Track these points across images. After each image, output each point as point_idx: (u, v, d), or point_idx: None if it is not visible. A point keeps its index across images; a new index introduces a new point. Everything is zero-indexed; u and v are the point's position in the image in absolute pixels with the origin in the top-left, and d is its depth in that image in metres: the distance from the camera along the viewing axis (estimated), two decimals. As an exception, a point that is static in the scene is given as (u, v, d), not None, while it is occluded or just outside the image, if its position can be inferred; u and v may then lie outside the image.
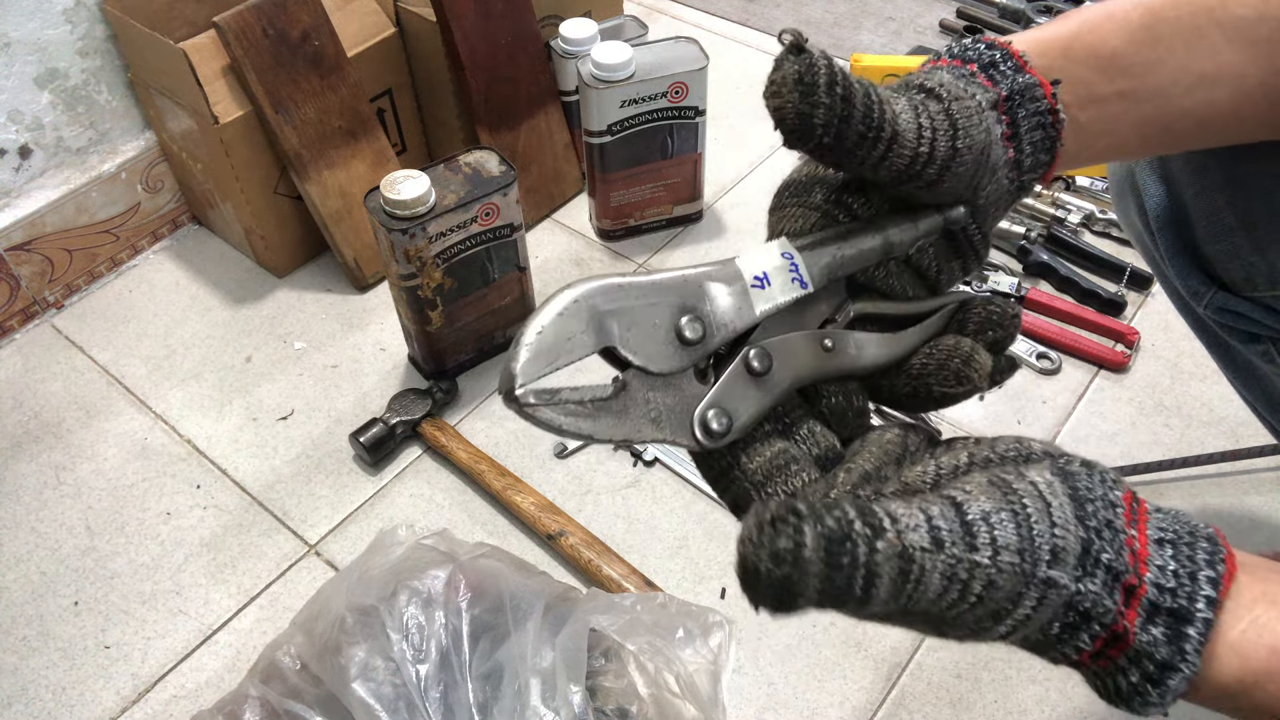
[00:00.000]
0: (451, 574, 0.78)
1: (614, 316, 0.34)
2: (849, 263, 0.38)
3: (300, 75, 1.11)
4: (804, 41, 0.35)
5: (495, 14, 1.17)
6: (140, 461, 1.06)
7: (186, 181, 1.28)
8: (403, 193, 0.95)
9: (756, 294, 0.36)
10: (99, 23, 1.16)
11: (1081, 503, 0.33)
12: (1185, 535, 0.34)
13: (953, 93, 0.37)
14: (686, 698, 0.75)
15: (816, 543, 0.28)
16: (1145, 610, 0.33)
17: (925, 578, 0.30)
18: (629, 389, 0.34)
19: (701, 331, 0.35)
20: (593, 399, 0.33)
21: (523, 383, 0.32)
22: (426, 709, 0.71)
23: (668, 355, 0.34)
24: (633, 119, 1.14)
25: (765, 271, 0.36)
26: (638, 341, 0.34)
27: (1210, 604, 0.32)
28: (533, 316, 0.33)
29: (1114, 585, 0.32)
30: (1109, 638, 0.32)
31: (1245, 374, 0.75)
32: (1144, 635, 0.32)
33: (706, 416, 0.35)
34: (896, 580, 0.29)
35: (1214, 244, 0.63)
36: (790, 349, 0.36)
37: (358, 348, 1.16)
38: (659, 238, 1.28)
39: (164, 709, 0.87)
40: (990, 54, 0.42)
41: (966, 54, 0.42)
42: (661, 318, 0.34)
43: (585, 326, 0.33)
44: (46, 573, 0.97)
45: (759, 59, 1.57)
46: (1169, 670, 0.32)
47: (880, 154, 0.35)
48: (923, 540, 0.30)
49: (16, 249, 1.17)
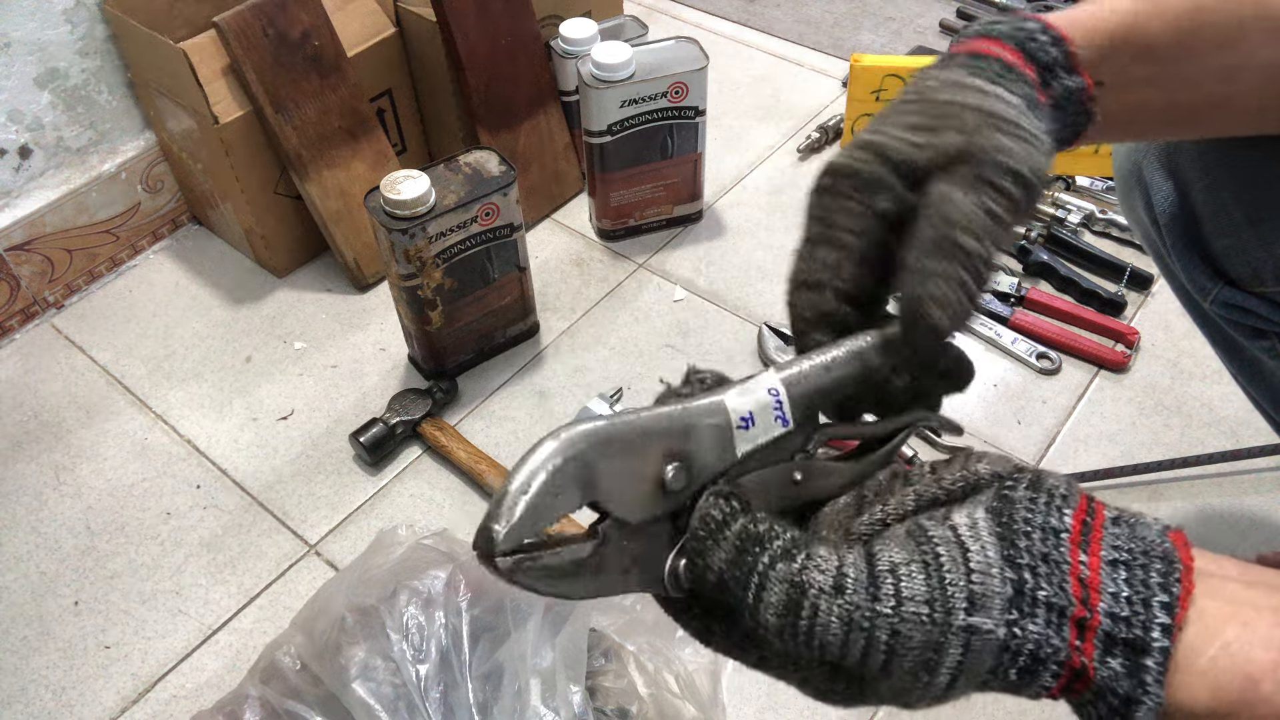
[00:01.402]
0: (451, 574, 0.78)
1: (601, 471, 0.33)
2: (829, 393, 0.38)
3: (300, 75, 1.11)
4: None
5: (495, 14, 1.17)
6: (140, 461, 1.06)
7: (186, 181, 1.28)
8: (403, 193, 0.95)
9: (740, 434, 0.35)
10: (99, 23, 1.16)
11: (1012, 540, 0.32)
12: (1139, 555, 0.32)
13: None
14: (686, 698, 0.75)
15: (736, 533, 0.33)
16: (1101, 643, 0.31)
17: (820, 618, 0.31)
18: (606, 542, 0.34)
19: (685, 481, 0.34)
20: (572, 559, 0.33)
21: (504, 549, 0.32)
22: (426, 709, 0.71)
23: (647, 506, 0.34)
24: (633, 119, 1.14)
25: (752, 412, 0.36)
26: (620, 493, 0.34)
27: (1165, 631, 0.31)
28: (519, 469, 0.32)
29: (1061, 622, 0.31)
30: (1070, 675, 0.32)
31: (1250, 370, 0.75)
32: (1103, 670, 0.31)
33: (678, 568, 0.35)
34: (785, 605, 0.31)
35: (1221, 239, 0.63)
36: (763, 487, 0.36)
37: (358, 348, 1.16)
38: (659, 238, 1.28)
39: (164, 709, 0.87)
40: (1047, 50, 0.41)
41: (1017, 36, 0.41)
42: (647, 467, 0.34)
43: (572, 484, 0.33)
44: (46, 573, 0.97)
45: (759, 59, 1.57)
46: (1133, 704, 0.31)
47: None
48: (823, 581, 0.31)
49: (16, 249, 1.17)
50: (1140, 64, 0.45)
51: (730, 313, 1.17)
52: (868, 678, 0.33)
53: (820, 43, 1.60)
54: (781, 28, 1.63)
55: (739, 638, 0.35)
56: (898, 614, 0.31)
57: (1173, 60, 0.45)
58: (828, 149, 1.38)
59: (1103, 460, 1.01)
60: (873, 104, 1.27)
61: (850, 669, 0.33)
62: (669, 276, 1.23)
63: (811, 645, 0.32)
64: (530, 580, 0.33)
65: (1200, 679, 0.31)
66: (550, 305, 1.20)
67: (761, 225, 1.28)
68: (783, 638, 0.32)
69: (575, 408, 1.07)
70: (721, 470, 0.35)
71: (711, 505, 0.34)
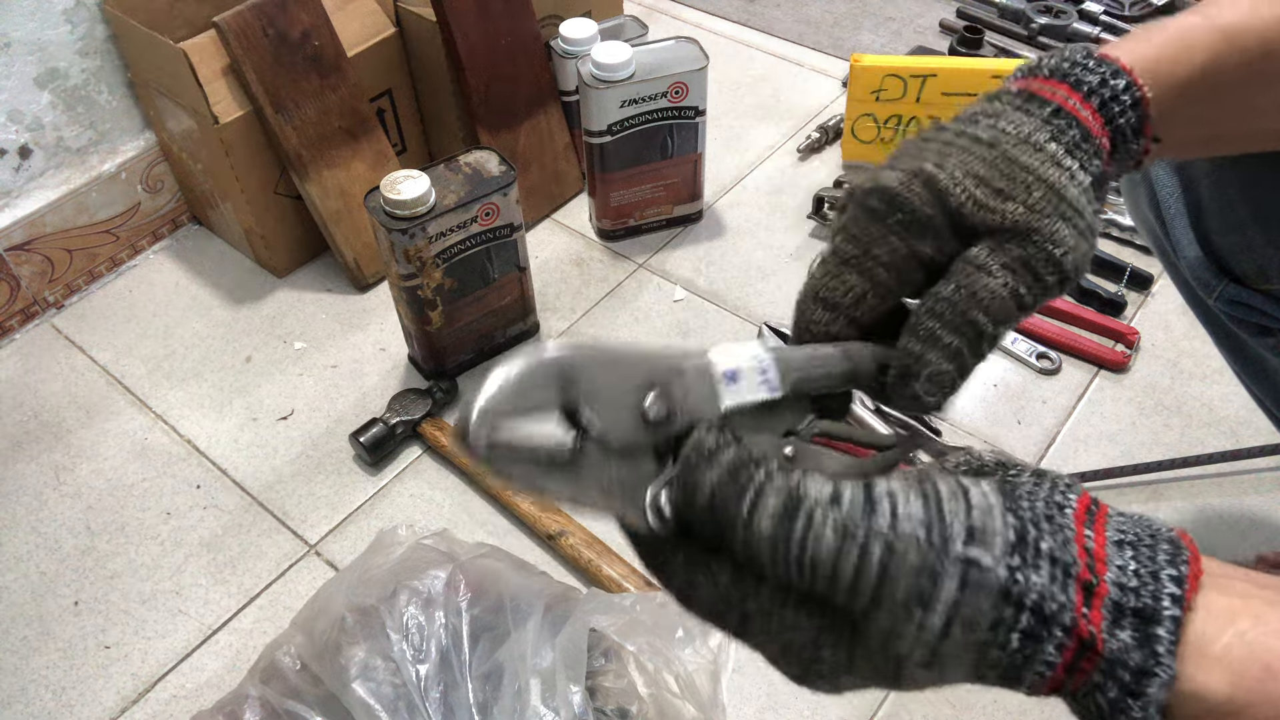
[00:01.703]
0: (451, 574, 0.78)
1: (582, 380, 0.33)
2: (815, 382, 0.37)
3: (300, 75, 1.11)
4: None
5: (495, 14, 1.17)
6: (140, 461, 1.06)
7: (186, 181, 1.28)
8: (403, 193, 0.95)
9: (725, 388, 0.35)
10: (99, 23, 1.16)
11: (1015, 499, 0.32)
12: (1146, 537, 0.32)
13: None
14: (686, 698, 0.75)
15: (732, 456, 0.32)
16: (1110, 612, 0.30)
17: (814, 527, 0.30)
18: (585, 454, 0.33)
19: (665, 413, 0.34)
20: (549, 458, 0.33)
21: (478, 427, 0.32)
22: (426, 709, 0.71)
23: (628, 430, 0.34)
24: (633, 119, 1.14)
25: (737, 368, 0.35)
26: (601, 409, 0.33)
27: (1176, 601, 0.30)
28: (499, 366, 0.33)
29: (1066, 581, 0.30)
30: (1077, 646, 0.30)
31: (1254, 368, 0.74)
32: (1113, 642, 0.30)
33: (660, 499, 0.33)
34: (781, 511, 0.31)
35: (1227, 236, 0.63)
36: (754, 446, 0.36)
37: (358, 348, 1.16)
38: (659, 238, 1.28)
39: (164, 709, 0.87)
40: (1127, 114, 0.40)
41: (1102, 94, 0.40)
42: (629, 391, 0.34)
43: (552, 380, 0.33)
44: (46, 573, 0.97)
45: (759, 59, 1.57)
46: (1145, 677, 0.30)
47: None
48: (820, 493, 0.31)
49: (16, 249, 1.17)
50: (1200, 106, 0.44)
51: (730, 313, 1.17)
52: (857, 615, 0.31)
53: (820, 43, 1.60)
54: (781, 28, 1.63)
55: (725, 582, 0.33)
56: (894, 529, 0.30)
57: (1237, 99, 0.45)
58: (828, 149, 1.38)
59: (1103, 460, 1.01)
60: (873, 104, 1.27)
61: (839, 607, 0.31)
62: (669, 276, 1.23)
63: (804, 559, 0.30)
64: (505, 465, 0.32)
65: (1216, 664, 0.30)
66: (550, 305, 1.20)
67: (761, 225, 1.28)
68: (775, 550, 0.31)
69: (575, 408, 1.07)
70: (707, 419, 0.35)
71: (705, 433, 0.33)
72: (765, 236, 1.27)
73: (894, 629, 0.31)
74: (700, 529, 0.32)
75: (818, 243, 1.24)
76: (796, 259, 1.23)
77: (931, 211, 0.37)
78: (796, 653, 0.33)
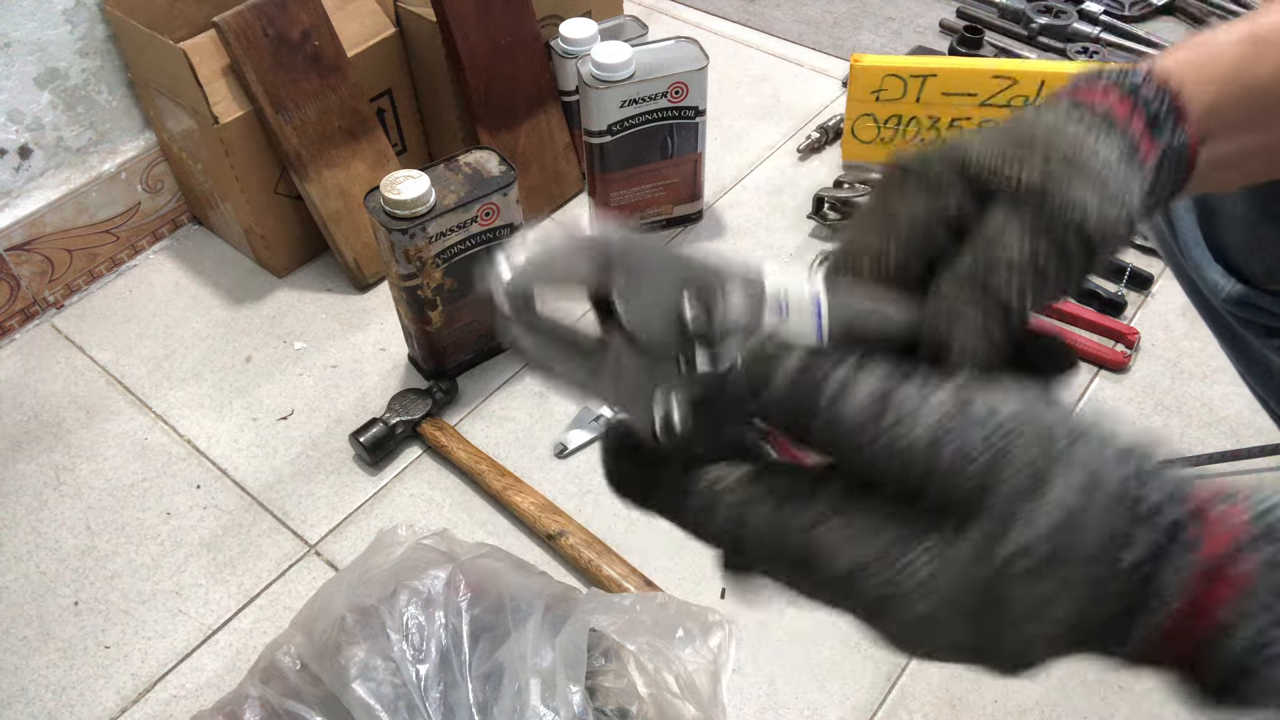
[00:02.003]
0: (451, 574, 0.78)
1: (619, 266, 0.31)
2: (868, 336, 0.34)
3: (300, 75, 1.11)
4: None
5: (495, 14, 1.17)
6: (140, 461, 1.06)
7: (186, 181, 1.28)
8: (403, 193, 0.95)
9: (771, 317, 0.32)
10: (99, 23, 1.16)
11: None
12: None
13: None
14: (686, 698, 0.75)
15: (802, 352, 0.29)
16: (1255, 534, 0.26)
17: (908, 407, 0.27)
18: (609, 345, 0.31)
19: (704, 322, 0.31)
20: (572, 340, 0.31)
21: (516, 281, 0.30)
22: (426, 709, 0.71)
23: (659, 329, 0.31)
24: (633, 119, 1.14)
25: (788, 303, 0.32)
26: (636, 301, 0.31)
27: None
28: (536, 228, 0.31)
29: (1180, 496, 0.27)
30: (1203, 572, 0.26)
31: (1260, 369, 0.74)
32: (1256, 555, 0.26)
33: (672, 411, 0.30)
34: (876, 395, 0.28)
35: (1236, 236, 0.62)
36: None
37: (358, 348, 1.16)
38: (659, 238, 1.28)
39: (164, 709, 0.87)
40: (1157, 100, 0.38)
41: (1124, 84, 0.39)
42: (666, 289, 0.31)
43: (588, 256, 0.31)
44: (46, 573, 0.97)
45: (759, 59, 1.57)
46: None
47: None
48: (908, 395, 0.28)
49: (16, 249, 1.17)
50: (1242, 112, 0.42)
51: (730, 313, 1.17)
52: (957, 510, 0.27)
53: (820, 43, 1.60)
54: (781, 28, 1.63)
55: (763, 493, 0.29)
56: (995, 421, 0.27)
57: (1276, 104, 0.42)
58: (828, 149, 1.38)
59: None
60: (873, 104, 1.27)
61: (933, 502, 0.27)
62: (669, 276, 1.23)
63: (898, 437, 0.27)
64: (525, 333, 0.30)
65: None
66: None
67: (761, 225, 1.28)
68: (865, 431, 0.27)
69: (575, 407, 1.07)
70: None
71: (765, 340, 0.30)
72: (765, 236, 1.27)
73: (1003, 525, 0.26)
74: (773, 411, 0.29)
75: (818, 243, 1.24)
76: (796, 259, 1.23)
77: (948, 171, 0.36)
78: (870, 575, 0.28)
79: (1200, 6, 1.59)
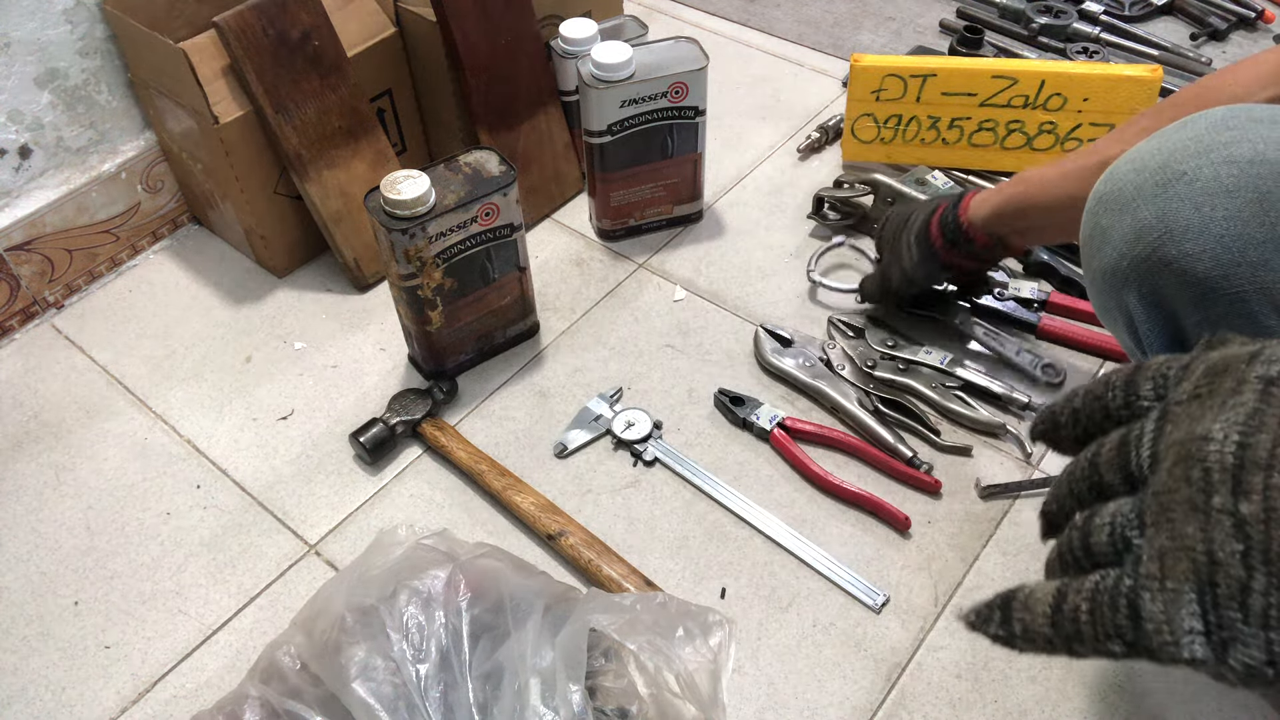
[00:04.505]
0: (451, 574, 0.78)
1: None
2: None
3: (300, 75, 1.11)
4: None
5: (495, 14, 1.17)
6: (140, 461, 1.06)
7: (186, 181, 1.28)
8: (403, 193, 0.95)
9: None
10: (99, 23, 1.16)
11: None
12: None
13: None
14: (686, 698, 0.75)
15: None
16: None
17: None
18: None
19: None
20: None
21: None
22: (426, 709, 0.71)
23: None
24: (633, 119, 1.14)
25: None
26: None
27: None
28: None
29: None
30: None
31: None
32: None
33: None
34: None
35: None
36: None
37: (358, 348, 1.16)
38: (659, 238, 1.28)
39: (164, 709, 0.87)
40: (947, 216, 0.97)
41: (945, 221, 0.98)
42: None
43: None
44: (46, 573, 0.97)
45: (759, 59, 1.57)
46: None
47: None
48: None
49: (16, 249, 1.17)
50: (1005, 220, 0.92)
51: (730, 313, 1.17)
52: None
53: (820, 43, 1.60)
54: (781, 28, 1.63)
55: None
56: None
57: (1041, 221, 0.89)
58: (828, 149, 1.38)
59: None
60: (873, 103, 1.27)
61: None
62: (669, 276, 1.23)
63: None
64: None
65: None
66: (550, 305, 1.20)
67: (761, 225, 1.28)
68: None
69: (575, 407, 1.07)
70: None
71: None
72: (765, 236, 1.27)
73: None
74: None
75: (818, 242, 1.24)
76: (797, 259, 1.23)
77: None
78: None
79: (1200, 6, 1.59)
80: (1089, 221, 0.68)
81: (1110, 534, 0.30)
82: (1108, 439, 0.32)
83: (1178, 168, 0.61)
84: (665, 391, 1.09)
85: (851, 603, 0.90)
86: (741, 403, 1.05)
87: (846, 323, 1.12)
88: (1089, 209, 0.68)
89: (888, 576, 0.92)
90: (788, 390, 1.08)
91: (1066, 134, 1.25)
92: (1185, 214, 0.60)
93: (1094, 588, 0.29)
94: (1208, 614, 0.27)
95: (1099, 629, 0.29)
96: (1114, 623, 0.28)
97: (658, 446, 1.02)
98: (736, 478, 1.00)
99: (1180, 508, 0.28)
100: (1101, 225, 0.66)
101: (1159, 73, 1.20)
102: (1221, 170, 0.59)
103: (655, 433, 1.04)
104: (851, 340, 1.11)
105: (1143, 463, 0.31)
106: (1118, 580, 0.29)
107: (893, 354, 1.08)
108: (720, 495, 0.98)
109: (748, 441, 1.04)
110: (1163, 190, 0.61)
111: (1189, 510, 0.28)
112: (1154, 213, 0.62)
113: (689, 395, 1.08)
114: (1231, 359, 0.30)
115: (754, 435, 1.04)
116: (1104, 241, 0.66)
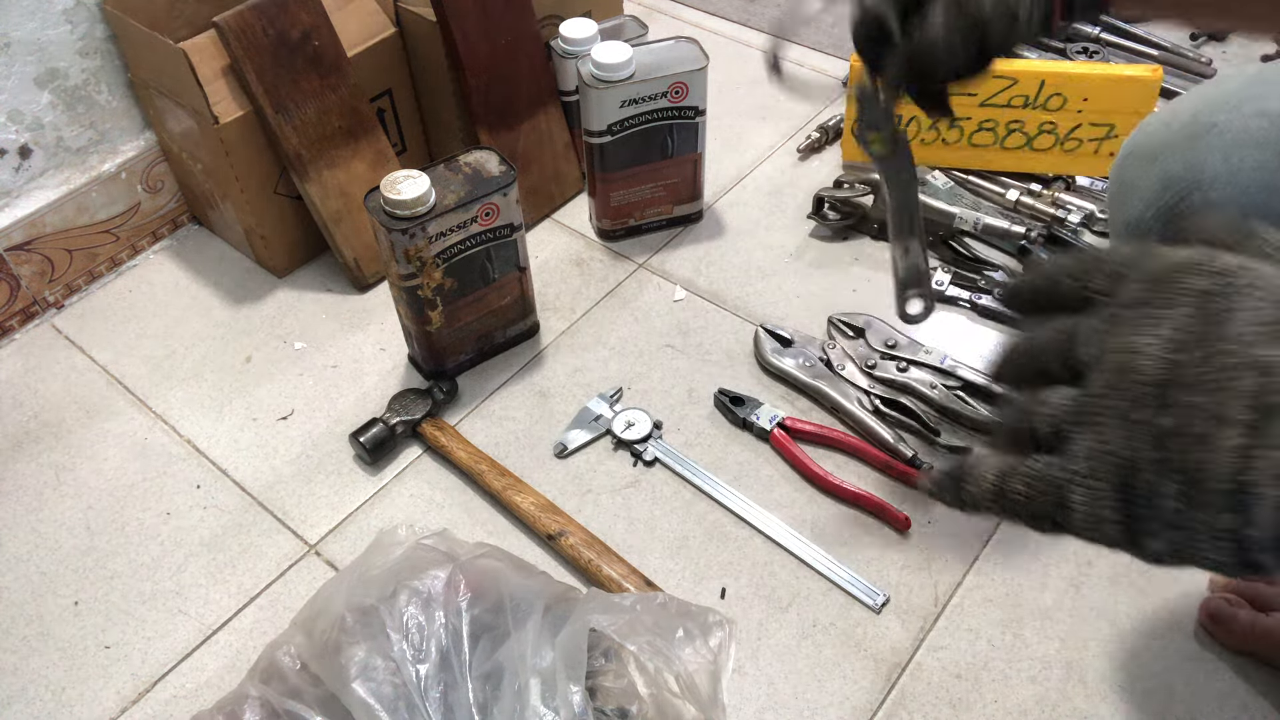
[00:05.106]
0: (451, 574, 0.78)
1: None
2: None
3: (300, 75, 1.11)
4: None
5: (495, 14, 1.17)
6: (140, 461, 1.06)
7: (186, 181, 1.28)
8: (403, 193, 0.95)
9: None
10: (99, 23, 1.16)
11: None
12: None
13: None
14: (686, 698, 0.75)
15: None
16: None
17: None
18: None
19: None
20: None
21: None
22: (426, 709, 0.71)
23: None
24: (633, 119, 1.14)
25: None
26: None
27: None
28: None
29: None
30: None
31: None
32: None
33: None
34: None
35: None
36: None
37: (358, 348, 1.16)
38: (659, 238, 1.28)
39: (164, 709, 0.87)
40: None
41: None
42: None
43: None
44: (46, 573, 0.97)
45: (759, 59, 1.57)
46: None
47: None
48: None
49: (16, 249, 1.17)
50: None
51: (730, 313, 1.17)
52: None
53: (820, 43, 1.60)
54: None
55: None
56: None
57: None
58: (828, 149, 1.38)
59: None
60: (873, 104, 1.27)
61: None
62: (669, 276, 1.23)
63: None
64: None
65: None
66: (550, 305, 1.20)
67: (761, 225, 1.28)
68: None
69: (575, 407, 1.07)
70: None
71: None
72: (765, 236, 1.27)
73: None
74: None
75: (818, 242, 1.24)
76: (797, 259, 1.23)
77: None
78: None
79: (1200, 6, 1.59)
80: (1115, 175, 0.68)
81: (1050, 424, 0.34)
82: (1058, 325, 0.35)
83: (1208, 119, 0.62)
84: (665, 391, 1.09)
85: (851, 603, 0.90)
86: (741, 403, 1.05)
87: (847, 323, 1.12)
88: (1116, 163, 0.68)
89: (888, 576, 0.92)
90: (788, 390, 1.08)
91: (1066, 134, 1.25)
92: (1214, 164, 0.61)
93: (1030, 474, 0.34)
94: (1125, 510, 0.31)
95: (1033, 509, 0.34)
96: (1045, 507, 0.33)
97: (658, 446, 1.03)
98: (736, 478, 1.00)
99: (1110, 414, 0.32)
100: (1128, 178, 0.67)
101: (1159, 73, 1.20)
102: (1252, 123, 0.60)
103: (655, 433, 1.04)
104: (851, 340, 1.11)
105: (1086, 359, 0.34)
106: (1050, 469, 0.33)
107: (893, 354, 1.08)
108: (720, 495, 0.98)
109: (748, 441, 1.04)
110: (1192, 142, 0.62)
111: (1118, 419, 0.32)
112: (1182, 163, 0.62)
113: (689, 395, 1.08)
114: (1178, 266, 0.33)
115: (754, 435, 1.04)
116: (1131, 193, 0.66)
